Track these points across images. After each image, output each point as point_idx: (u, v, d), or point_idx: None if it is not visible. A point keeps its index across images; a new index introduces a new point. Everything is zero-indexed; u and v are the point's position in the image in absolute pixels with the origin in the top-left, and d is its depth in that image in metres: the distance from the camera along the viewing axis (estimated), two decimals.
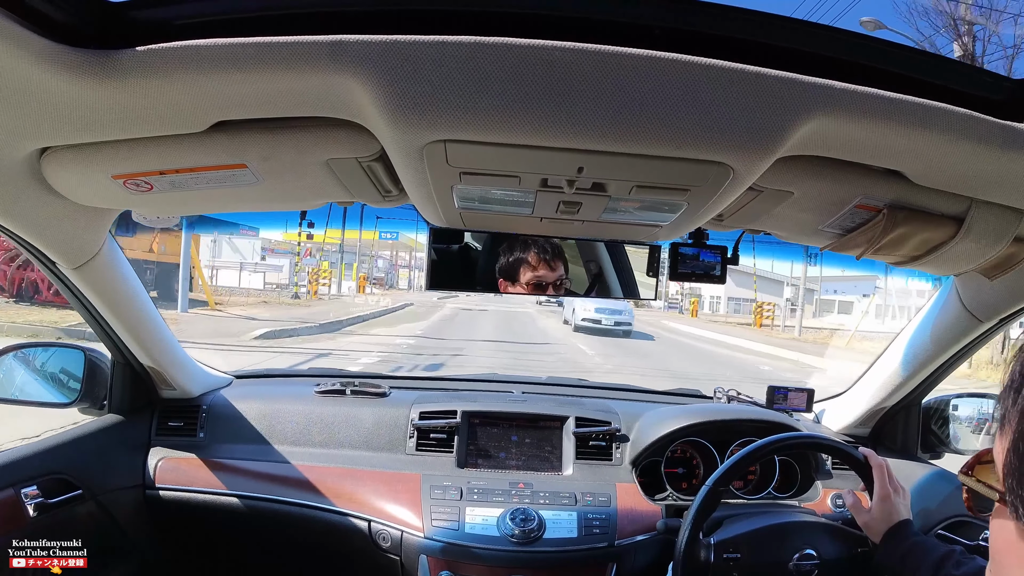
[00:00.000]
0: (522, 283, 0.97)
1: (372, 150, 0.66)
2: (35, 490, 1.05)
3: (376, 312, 14.84)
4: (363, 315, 13.59)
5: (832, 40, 0.53)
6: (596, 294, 1.03)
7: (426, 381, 1.67)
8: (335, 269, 26.74)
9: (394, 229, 24.96)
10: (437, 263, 0.96)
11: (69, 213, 0.82)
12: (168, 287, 12.62)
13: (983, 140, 0.56)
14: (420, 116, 0.53)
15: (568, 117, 0.53)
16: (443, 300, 22.14)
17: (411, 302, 19.22)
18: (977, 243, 0.76)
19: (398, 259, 40.68)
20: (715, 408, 1.49)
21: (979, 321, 1.05)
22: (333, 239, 24.93)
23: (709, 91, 0.51)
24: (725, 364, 10.21)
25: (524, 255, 0.97)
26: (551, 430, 1.38)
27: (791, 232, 0.90)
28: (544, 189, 0.68)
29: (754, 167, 0.59)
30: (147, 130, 0.61)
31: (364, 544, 1.22)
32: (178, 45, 0.49)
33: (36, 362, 1.25)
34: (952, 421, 1.35)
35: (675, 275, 0.96)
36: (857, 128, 0.56)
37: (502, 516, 1.18)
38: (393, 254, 43.24)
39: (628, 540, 1.20)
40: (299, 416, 1.37)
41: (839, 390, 1.52)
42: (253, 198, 0.81)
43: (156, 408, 1.35)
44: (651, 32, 0.50)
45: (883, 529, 0.96)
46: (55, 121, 0.57)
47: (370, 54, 0.49)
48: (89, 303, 1.07)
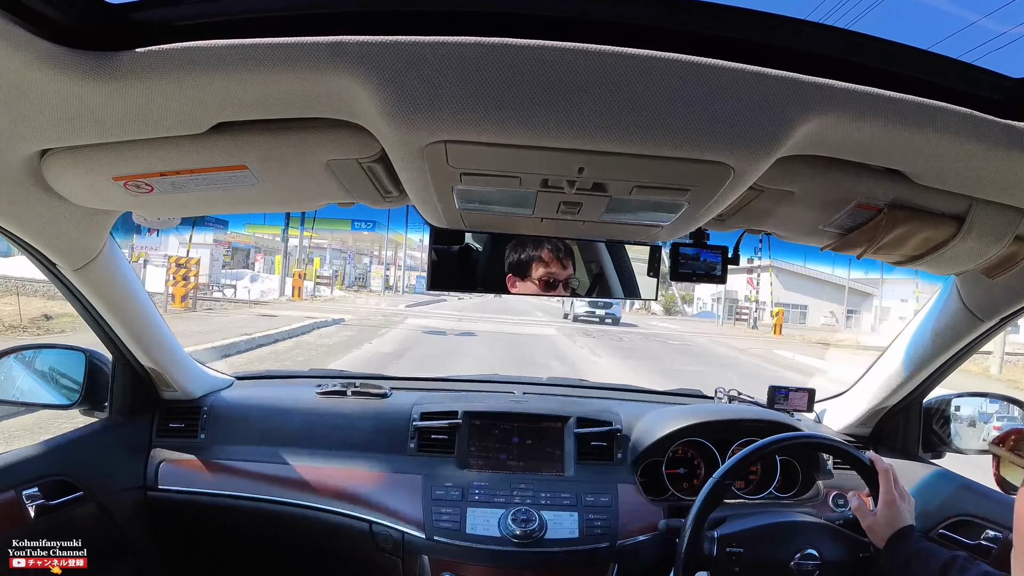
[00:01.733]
0: (534, 279, 0.97)
1: (372, 151, 0.66)
2: (36, 492, 1.05)
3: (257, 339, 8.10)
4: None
5: (832, 40, 0.53)
6: (597, 294, 1.03)
7: (427, 382, 1.66)
8: (314, 266, 22.86)
9: (371, 219, 22.14)
10: (438, 263, 0.96)
11: (70, 215, 0.82)
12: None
13: (984, 139, 0.56)
14: (420, 117, 0.53)
15: (568, 117, 0.53)
16: (412, 309, 17.29)
17: (342, 318, 12.02)
18: (978, 242, 0.76)
19: (382, 255, 31.87)
20: (716, 408, 1.49)
21: (980, 320, 1.05)
22: (294, 232, 21.72)
23: (709, 91, 0.51)
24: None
25: (537, 251, 0.97)
26: (552, 431, 1.38)
27: (792, 232, 0.90)
28: (545, 189, 0.68)
29: (754, 167, 0.59)
30: (147, 132, 0.61)
31: (365, 545, 1.22)
32: (178, 46, 0.49)
33: (37, 364, 1.25)
34: (953, 420, 1.35)
35: (676, 275, 0.96)
36: (857, 128, 0.56)
37: (503, 517, 1.18)
38: (376, 248, 34.47)
39: (629, 540, 1.20)
40: (300, 417, 1.37)
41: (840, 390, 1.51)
42: (253, 199, 0.81)
43: (157, 409, 1.35)
44: (651, 32, 0.50)
45: (887, 534, 0.96)
46: (56, 123, 0.57)
47: (370, 55, 0.49)
48: (90, 304, 1.07)
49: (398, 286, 30.48)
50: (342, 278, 28.91)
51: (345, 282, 29.62)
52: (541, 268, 0.96)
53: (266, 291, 19.07)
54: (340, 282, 27.78)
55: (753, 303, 23.54)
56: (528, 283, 0.97)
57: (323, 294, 21.21)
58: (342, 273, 29.68)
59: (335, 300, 19.73)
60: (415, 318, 14.27)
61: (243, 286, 19.43)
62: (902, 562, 0.93)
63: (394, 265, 32.57)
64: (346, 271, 31.30)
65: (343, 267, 31.22)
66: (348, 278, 30.52)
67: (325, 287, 22.40)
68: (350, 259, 33.22)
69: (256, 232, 27.10)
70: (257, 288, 19.63)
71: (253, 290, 19.29)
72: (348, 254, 33.22)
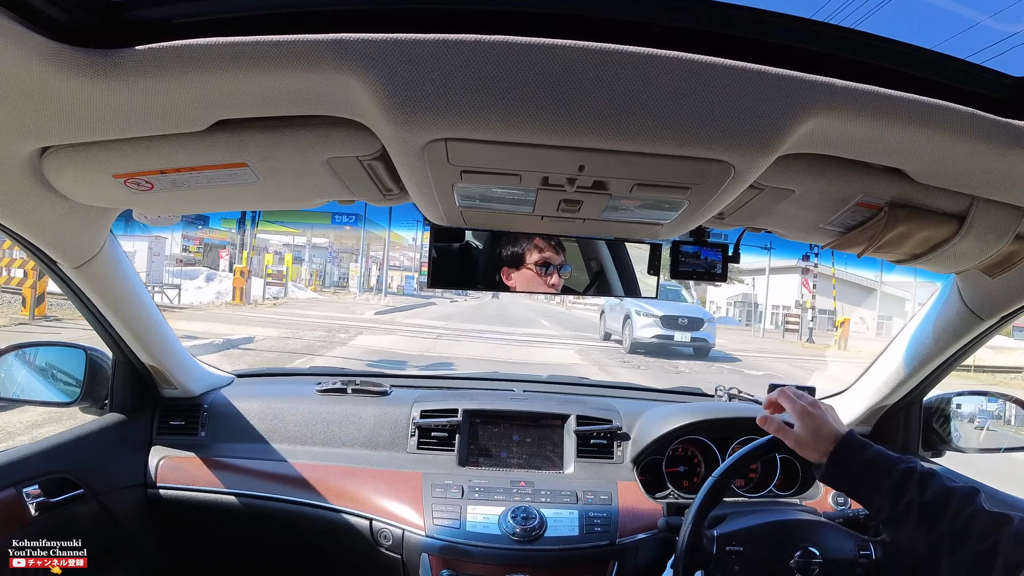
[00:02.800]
0: (528, 264, 0.96)
1: (373, 149, 0.66)
2: (36, 489, 1.05)
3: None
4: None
5: (833, 38, 0.53)
6: (596, 292, 1.03)
7: (427, 380, 1.67)
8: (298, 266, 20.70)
9: (354, 212, 18.60)
10: (438, 261, 0.96)
11: (70, 212, 0.82)
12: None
13: (984, 138, 0.56)
14: (421, 115, 0.53)
15: (569, 115, 0.53)
16: (382, 316, 14.19)
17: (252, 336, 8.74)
18: (978, 241, 0.75)
19: (368, 254, 28.32)
20: (716, 406, 1.49)
21: (980, 319, 1.05)
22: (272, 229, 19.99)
23: (710, 89, 0.51)
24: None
25: (529, 240, 0.97)
26: (552, 428, 1.38)
27: (792, 230, 0.90)
28: (545, 187, 0.68)
29: (755, 165, 0.59)
30: (148, 129, 0.61)
31: (365, 543, 1.22)
32: (178, 44, 0.49)
33: (38, 361, 1.25)
34: (953, 419, 1.35)
35: (676, 273, 0.96)
36: (858, 126, 0.55)
37: (503, 514, 1.18)
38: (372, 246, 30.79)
39: (629, 538, 1.20)
40: (300, 415, 1.37)
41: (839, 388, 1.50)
42: (254, 197, 0.81)
43: (157, 407, 1.35)
44: (652, 30, 0.50)
45: (823, 446, 0.84)
46: (56, 120, 0.57)
47: (371, 53, 0.49)
48: (90, 302, 1.07)
49: (380, 286, 26.64)
50: (317, 276, 26.21)
51: (327, 282, 27.09)
52: (535, 253, 0.96)
53: (223, 292, 16.73)
54: (316, 283, 25.21)
55: (809, 310, 18.62)
56: (524, 270, 0.97)
57: (294, 295, 18.44)
58: (317, 272, 26.91)
59: (289, 304, 16.80)
60: (374, 334, 10.62)
61: (196, 286, 17.19)
62: (852, 479, 0.82)
63: (375, 264, 28.98)
64: (326, 270, 28.51)
65: (325, 266, 28.53)
66: (330, 278, 27.81)
67: (277, 287, 19.33)
68: (332, 257, 29.79)
69: (233, 228, 24.44)
70: (213, 289, 17.24)
71: (209, 291, 16.95)
72: (330, 251, 30.00)
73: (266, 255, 20.56)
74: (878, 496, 0.80)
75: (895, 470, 0.80)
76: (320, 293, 22.99)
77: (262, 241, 28.13)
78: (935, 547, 0.75)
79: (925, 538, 0.76)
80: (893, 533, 0.81)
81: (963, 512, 0.74)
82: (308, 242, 27.64)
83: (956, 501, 0.76)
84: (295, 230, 24.64)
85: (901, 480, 0.79)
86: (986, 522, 0.72)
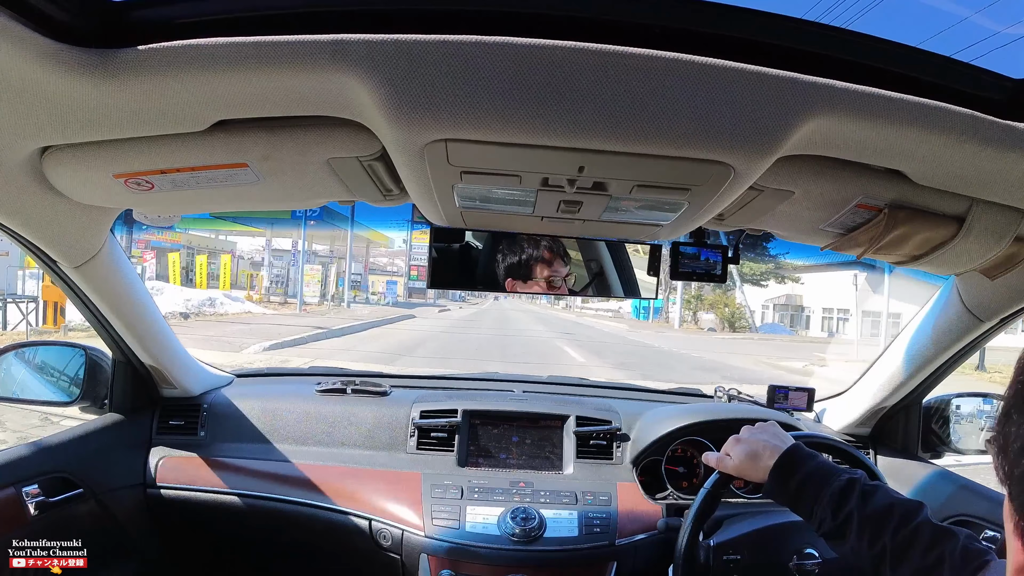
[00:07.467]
0: (537, 279, 0.97)
1: (373, 149, 0.66)
2: (36, 489, 1.05)
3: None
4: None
5: (833, 39, 0.53)
6: (596, 293, 1.03)
7: (427, 380, 1.67)
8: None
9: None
10: (438, 261, 0.96)
11: (70, 212, 0.82)
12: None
13: (984, 140, 0.56)
14: (421, 115, 0.53)
15: (569, 116, 0.53)
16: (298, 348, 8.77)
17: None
18: (978, 243, 0.76)
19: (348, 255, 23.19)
20: (716, 407, 1.49)
21: (980, 321, 1.05)
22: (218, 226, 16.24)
23: (710, 90, 0.51)
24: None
25: (537, 251, 0.97)
26: (552, 429, 1.38)
27: (792, 231, 0.90)
28: (545, 188, 0.68)
29: (755, 166, 0.59)
30: (148, 129, 0.61)
31: (365, 543, 1.22)
32: (179, 44, 0.49)
33: (37, 361, 1.26)
34: (953, 420, 1.35)
35: (676, 274, 0.96)
36: (858, 128, 0.56)
37: (503, 515, 1.18)
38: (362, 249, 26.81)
39: (628, 539, 1.20)
40: (300, 415, 1.37)
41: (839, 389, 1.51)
42: (254, 197, 0.81)
43: (157, 407, 1.35)
44: (652, 32, 0.50)
45: (764, 465, 0.83)
46: (56, 120, 0.57)
47: (371, 53, 0.49)
48: (90, 302, 1.07)
49: (342, 296, 21.99)
50: (262, 284, 21.07)
51: (292, 290, 21.01)
52: (545, 269, 0.96)
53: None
54: (260, 292, 20.32)
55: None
56: (532, 285, 0.97)
57: (216, 309, 14.43)
58: (263, 278, 21.62)
59: (183, 320, 12.25)
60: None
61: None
62: (793, 489, 0.80)
63: (334, 266, 24.92)
64: (289, 275, 22.54)
65: (285, 270, 22.79)
66: (294, 285, 20.96)
67: (202, 298, 15.44)
68: (294, 261, 22.57)
69: (190, 229, 22.07)
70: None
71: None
72: (293, 254, 23.27)
73: (198, 256, 19.60)
74: (819, 507, 0.77)
75: (837, 480, 0.78)
76: (267, 305, 18.58)
77: (228, 244, 25.63)
78: (877, 560, 0.71)
79: (867, 551, 0.72)
80: (836, 546, 0.77)
81: (906, 525, 0.71)
82: (268, 243, 23.00)
83: (899, 514, 0.72)
84: (255, 228, 20.80)
85: (842, 491, 0.76)
86: (931, 536, 0.69)
